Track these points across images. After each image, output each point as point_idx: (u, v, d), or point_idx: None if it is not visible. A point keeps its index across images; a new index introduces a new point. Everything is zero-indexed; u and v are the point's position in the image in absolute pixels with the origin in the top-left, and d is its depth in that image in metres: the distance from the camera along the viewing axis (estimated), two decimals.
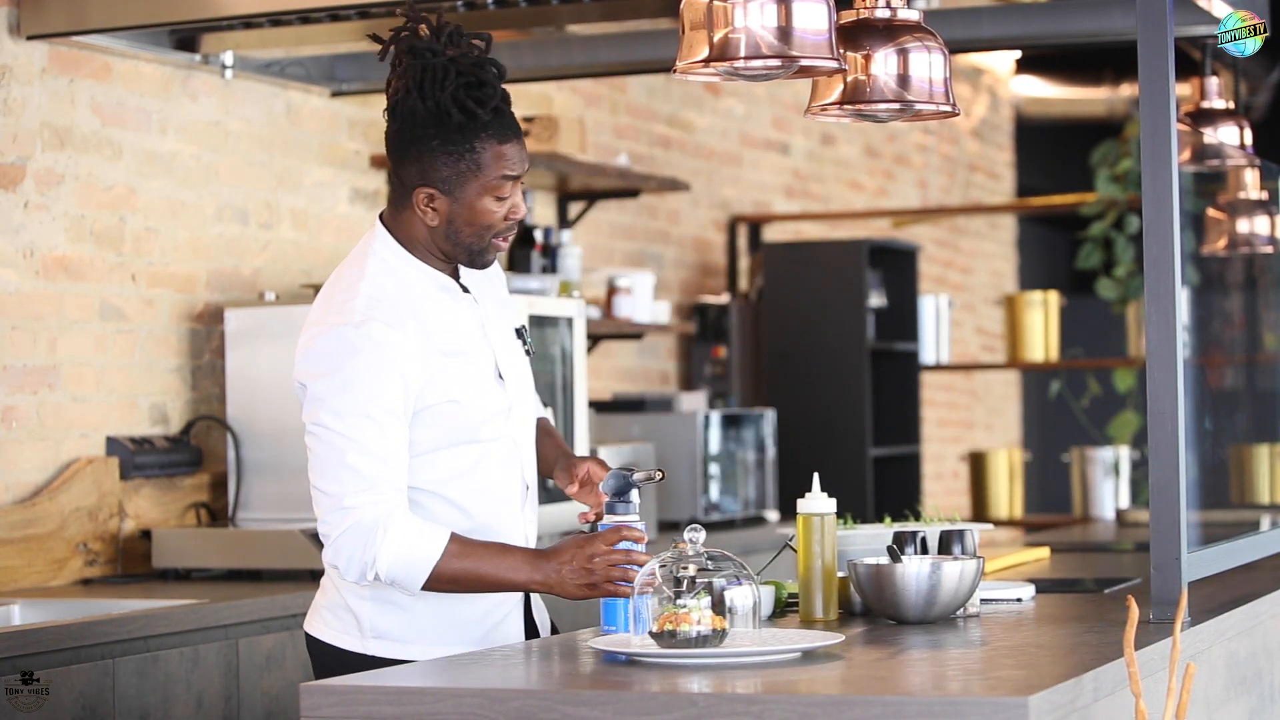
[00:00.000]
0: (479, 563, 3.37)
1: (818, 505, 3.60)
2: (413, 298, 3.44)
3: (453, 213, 3.42)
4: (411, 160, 3.40)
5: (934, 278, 10.22)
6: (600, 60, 5.77)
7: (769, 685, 2.78)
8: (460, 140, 3.37)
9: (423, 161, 3.39)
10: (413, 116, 3.37)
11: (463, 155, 3.38)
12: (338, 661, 3.50)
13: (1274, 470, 5.22)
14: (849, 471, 7.73)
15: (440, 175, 3.39)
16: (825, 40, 3.19)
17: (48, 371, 4.97)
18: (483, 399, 3.49)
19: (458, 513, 3.50)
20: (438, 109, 3.36)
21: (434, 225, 3.43)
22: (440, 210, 3.42)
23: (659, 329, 7.04)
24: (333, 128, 5.96)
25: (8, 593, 4.71)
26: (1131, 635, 2.80)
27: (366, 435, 3.31)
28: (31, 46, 4.96)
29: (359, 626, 3.50)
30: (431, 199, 3.41)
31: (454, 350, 3.45)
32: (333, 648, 3.53)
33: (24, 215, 4.92)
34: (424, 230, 3.45)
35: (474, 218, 3.42)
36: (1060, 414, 10.13)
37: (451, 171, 3.39)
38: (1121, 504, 7.49)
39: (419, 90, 3.37)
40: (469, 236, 3.44)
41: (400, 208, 3.46)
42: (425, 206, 3.41)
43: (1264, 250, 5.18)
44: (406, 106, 3.38)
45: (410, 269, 3.47)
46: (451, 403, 3.42)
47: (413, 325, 3.39)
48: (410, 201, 3.43)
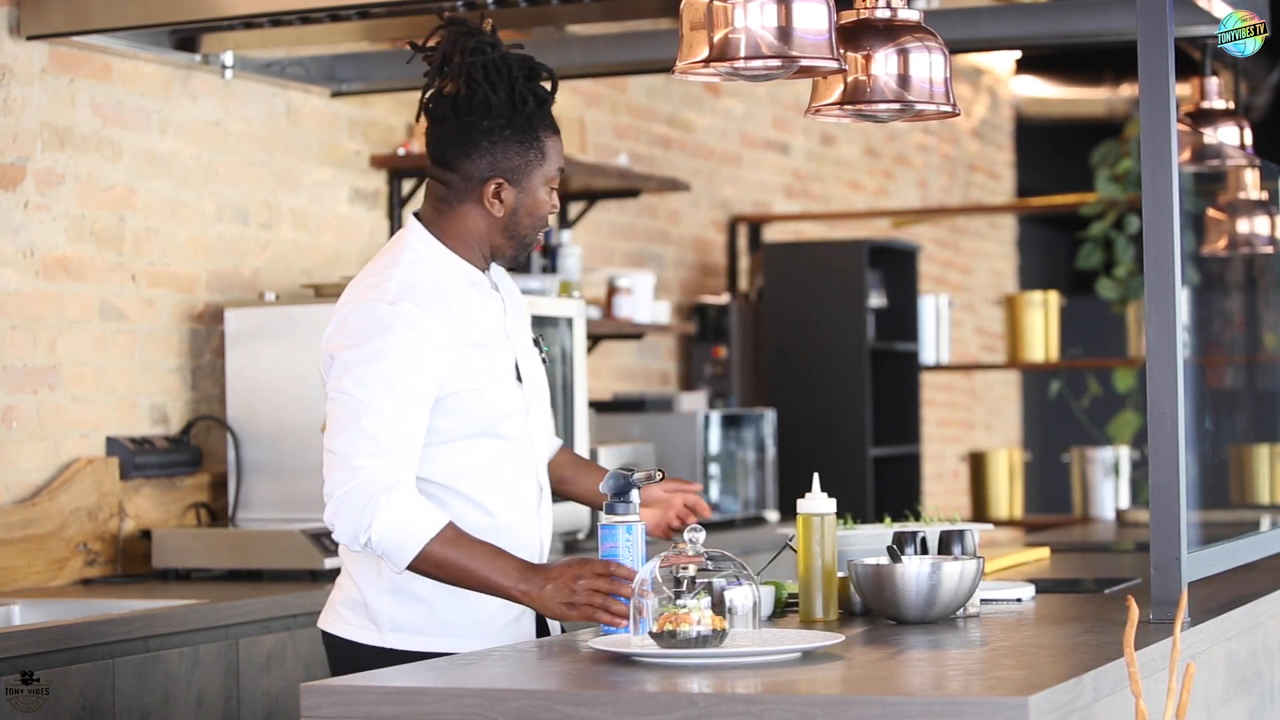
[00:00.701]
0: (469, 556, 3.38)
1: (818, 505, 3.60)
2: (444, 288, 3.50)
3: (518, 202, 3.53)
4: (482, 152, 3.49)
5: (934, 278, 10.22)
6: (600, 60, 5.77)
7: (769, 685, 2.78)
8: (529, 130, 3.49)
9: (494, 152, 3.49)
10: (487, 108, 3.47)
11: (531, 144, 3.50)
12: (356, 656, 3.52)
13: (1274, 470, 5.22)
14: (849, 471, 7.73)
15: (511, 165, 3.50)
16: (825, 40, 3.19)
17: (48, 371, 4.97)
18: (504, 395, 3.54)
19: (475, 509, 3.53)
20: (510, 98, 3.47)
21: (499, 216, 3.52)
22: (507, 201, 3.51)
23: (659, 329, 7.04)
24: (333, 128, 5.96)
25: (8, 593, 4.71)
26: (1131, 635, 2.80)
27: (385, 406, 3.36)
28: (31, 46, 4.96)
29: (378, 621, 3.52)
30: (500, 190, 3.50)
31: (480, 342, 3.51)
32: (351, 643, 3.55)
33: (24, 215, 4.92)
34: (482, 224, 3.53)
35: (534, 208, 3.54)
36: (1060, 414, 10.13)
37: (521, 161, 3.50)
38: (1121, 504, 7.49)
39: (488, 83, 3.47)
40: (527, 227, 3.55)
41: (454, 204, 3.54)
42: (493, 198, 3.51)
43: (1264, 250, 5.18)
44: (477, 100, 3.47)
45: (444, 261, 3.53)
46: (474, 392, 3.47)
47: (443, 312, 3.45)
48: (475, 195, 3.52)
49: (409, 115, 6.30)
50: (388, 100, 6.18)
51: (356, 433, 3.35)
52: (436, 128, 3.53)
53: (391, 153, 6.15)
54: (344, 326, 3.44)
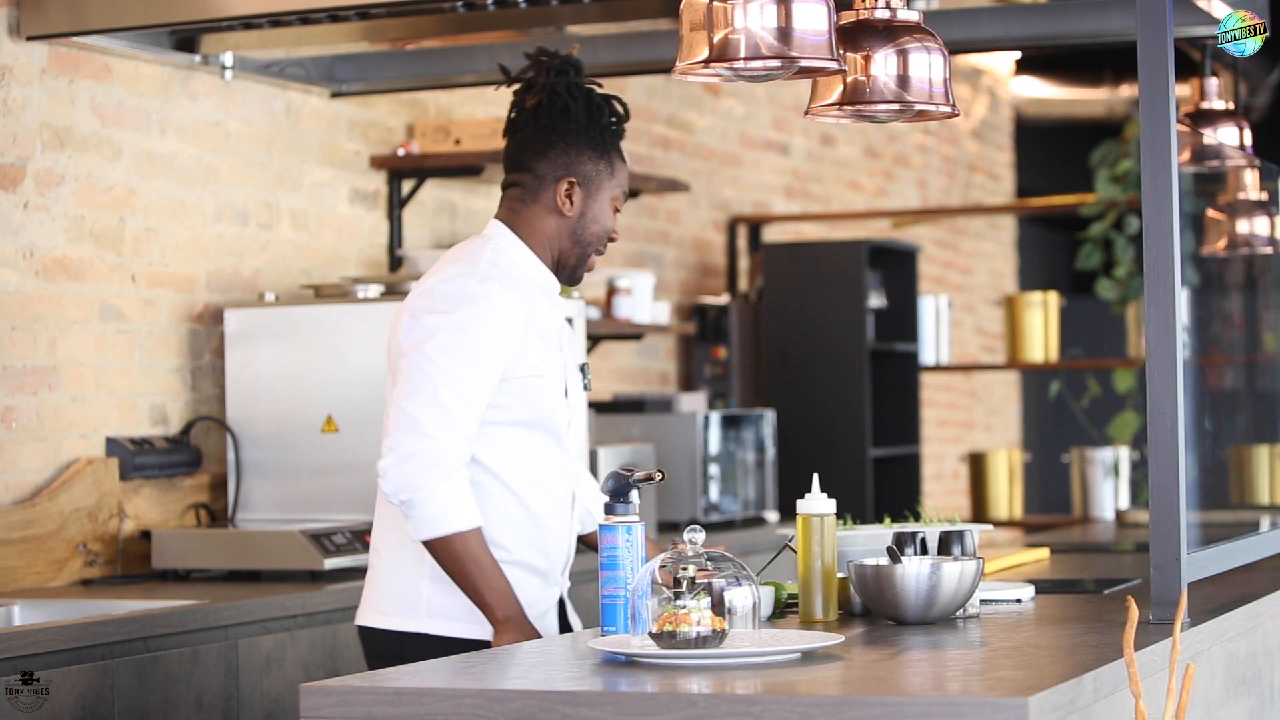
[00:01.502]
0: (480, 565, 3.56)
1: (817, 506, 3.60)
2: (520, 281, 3.69)
3: (587, 207, 3.76)
4: (558, 153, 3.74)
5: (934, 278, 10.22)
6: (600, 60, 5.76)
7: (769, 686, 2.78)
8: (603, 144, 3.75)
9: (569, 155, 3.74)
10: (565, 115, 3.72)
11: (603, 155, 3.75)
12: (397, 644, 3.66)
13: (1274, 470, 5.22)
14: (849, 472, 7.73)
15: (584, 170, 3.74)
16: (825, 41, 3.19)
17: (48, 372, 4.97)
18: (556, 394, 3.73)
19: (515, 501, 3.70)
20: (589, 110, 3.73)
21: (569, 215, 3.74)
22: (576, 203, 3.74)
23: (659, 329, 7.04)
24: (333, 128, 5.96)
25: (8, 593, 4.71)
26: (1131, 636, 2.80)
27: (462, 378, 3.56)
28: (31, 47, 4.96)
29: (416, 607, 3.66)
30: (572, 189, 3.74)
31: (544, 337, 3.70)
32: (391, 633, 3.68)
33: (24, 215, 4.92)
34: (552, 224, 3.75)
35: (601, 216, 3.77)
36: (1060, 414, 10.13)
37: (593, 169, 3.75)
38: (1121, 504, 7.49)
39: (569, 93, 3.73)
40: (591, 236, 3.77)
41: (528, 203, 3.76)
42: (565, 196, 3.74)
43: (1264, 251, 5.18)
44: (557, 108, 3.72)
45: (523, 258, 3.74)
46: (537, 378, 3.66)
47: (521, 299, 3.67)
48: (548, 193, 3.74)
49: (409, 116, 6.30)
50: (388, 101, 6.18)
51: (431, 400, 3.54)
52: (516, 136, 3.75)
53: (391, 153, 6.15)
54: (433, 293, 3.62)
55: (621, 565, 3.33)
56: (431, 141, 6.25)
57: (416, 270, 5.87)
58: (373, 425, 5.19)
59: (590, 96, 3.75)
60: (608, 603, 3.34)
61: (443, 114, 6.45)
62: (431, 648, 3.59)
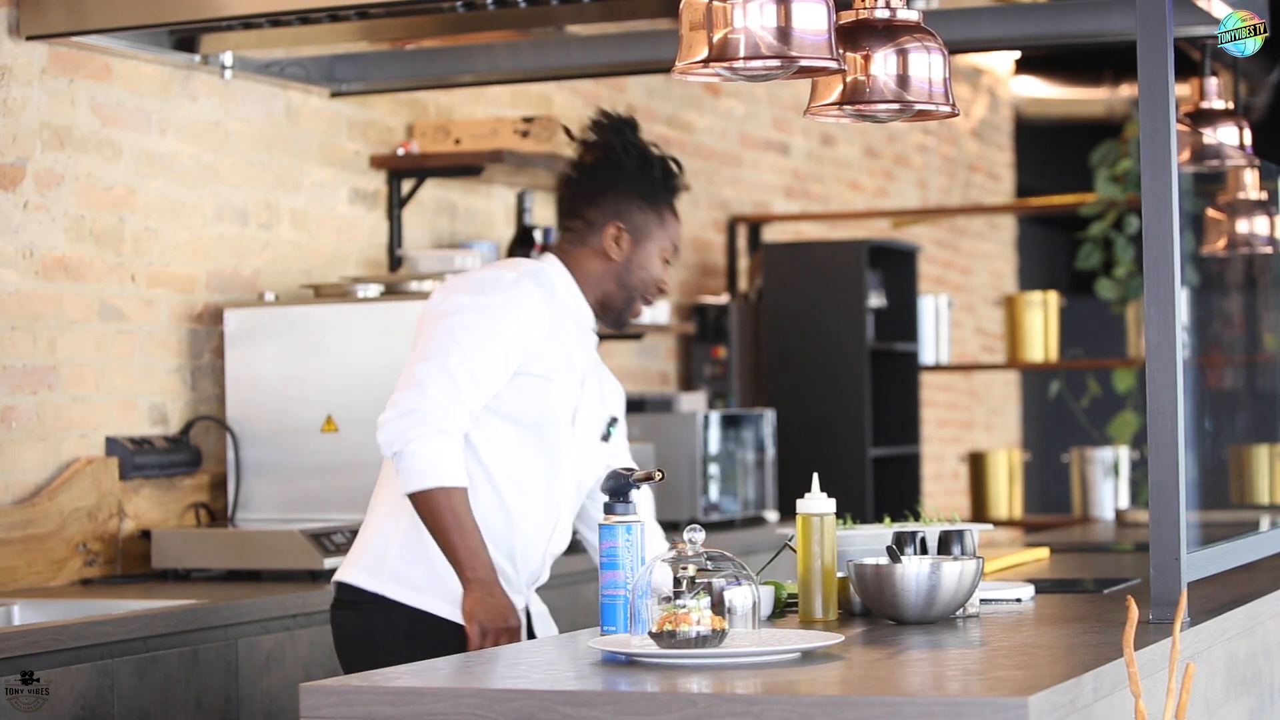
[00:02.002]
0: (460, 523, 3.66)
1: (817, 505, 3.60)
2: (556, 304, 3.86)
3: (634, 253, 3.89)
4: (609, 201, 3.89)
5: (934, 278, 10.22)
6: (600, 60, 5.77)
7: (769, 685, 2.78)
8: (653, 197, 3.89)
9: (619, 203, 3.89)
10: (618, 167, 3.88)
11: (653, 208, 3.89)
12: (352, 597, 3.82)
13: (1274, 470, 5.22)
14: (849, 471, 7.73)
15: (633, 219, 3.89)
16: (825, 40, 3.19)
17: (48, 371, 4.97)
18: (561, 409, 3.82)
19: (496, 499, 3.78)
20: (641, 163, 3.88)
21: (616, 259, 3.88)
22: (624, 248, 3.89)
23: (659, 329, 7.04)
24: (332, 128, 5.96)
25: (8, 593, 4.71)
26: (1131, 635, 2.80)
27: (475, 357, 3.69)
28: (31, 47, 4.96)
29: (378, 569, 3.79)
30: (620, 234, 3.88)
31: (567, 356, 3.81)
32: (350, 586, 3.83)
33: (24, 215, 4.92)
34: (599, 267, 3.89)
35: (646, 262, 3.90)
36: (1060, 414, 10.12)
37: (642, 219, 3.89)
38: (1121, 504, 7.49)
39: (623, 148, 3.89)
40: (638, 281, 3.90)
41: (578, 245, 3.91)
42: (613, 240, 3.88)
43: (1264, 250, 5.18)
44: (611, 160, 3.89)
45: (567, 288, 3.86)
46: (546, 380, 3.76)
47: (552, 311, 3.82)
48: (597, 235, 3.89)
49: (408, 116, 6.30)
50: (387, 100, 6.18)
51: (441, 367, 3.68)
52: (571, 188, 3.90)
53: (391, 153, 6.15)
54: (468, 276, 3.80)
55: (621, 565, 3.33)
56: (431, 141, 6.25)
57: (416, 270, 5.87)
58: (373, 425, 5.18)
59: (644, 152, 3.91)
60: (608, 603, 3.34)
61: (443, 114, 6.45)
62: (386, 610, 3.75)
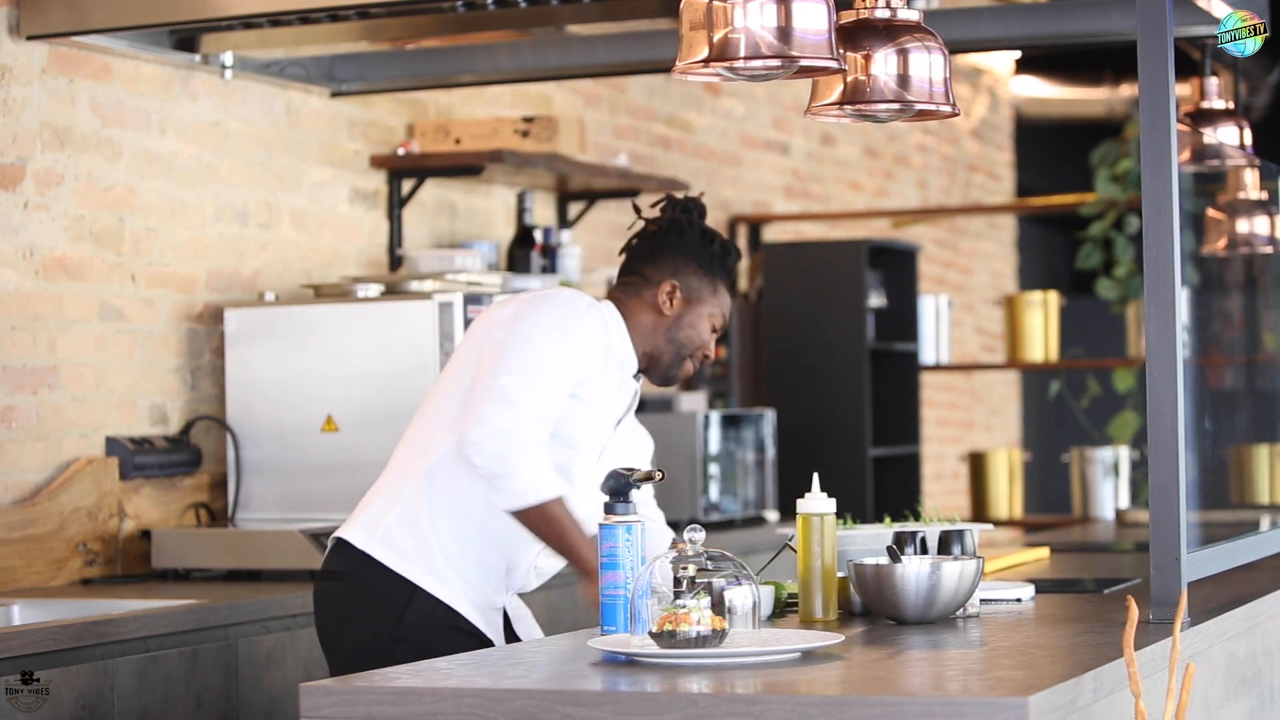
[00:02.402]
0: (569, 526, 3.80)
1: (817, 505, 3.60)
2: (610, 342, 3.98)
3: (684, 312, 4.04)
4: (666, 261, 4.05)
5: (934, 278, 10.22)
6: (600, 60, 5.77)
7: (769, 685, 2.78)
8: (709, 266, 4.06)
9: (676, 264, 4.05)
10: (680, 235, 4.06)
11: (707, 276, 4.06)
12: (343, 555, 3.91)
13: (1274, 470, 5.22)
14: (849, 471, 7.73)
15: (688, 280, 4.05)
16: (825, 40, 3.19)
17: (48, 371, 4.97)
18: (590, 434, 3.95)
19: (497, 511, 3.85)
20: (702, 236, 4.06)
21: (667, 314, 4.04)
22: (676, 306, 4.04)
23: None
24: (333, 128, 5.96)
25: (8, 593, 4.70)
26: (1131, 635, 2.80)
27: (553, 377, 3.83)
28: (31, 46, 4.96)
29: (372, 530, 3.89)
30: (674, 292, 4.03)
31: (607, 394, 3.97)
32: (342, 541, 3.93)
33: (24, 215, 4.92)
34: (650, 320, 4.04)
35: (695, 323, 4.05)
36: (1060, 414, 10.13)
37: (696, 282, 4.05)
38: (1121, 504, 7.49)
39: (686, 220, 4.07)
40: (685, 340, 4.05)
41: (632, 297, 4.06)
42: (667, 296, 4.04)
43: (1264, 250, 5.18)
44: (675, 229, 4.06)
45: (619, 332, 4.02)
46: (587, 406, 3.91)
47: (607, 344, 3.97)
48: (652, 290, 4.05)
49: (409, 115, 6.30)
50: (388, 100, 6.18)
51: (525, 379, 3.80)
52: (632, 251, 4.10)
53: (391, 153, 6.15)
54: (543, 297, 3.94)
55: (621, 565, 3.33)
56: (431, 141, 6.25)
57: (416, 270, 5.87)
58: (373, 425, 5.19)
59: (706, 229, 4.09)
60: (608, 603, 3.34)
61: (443, 114, 6.45)
62: (369, 571, 3.86)
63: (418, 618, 3.83)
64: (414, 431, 4.00)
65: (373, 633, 3.84)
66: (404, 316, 5.20)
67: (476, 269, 5.83)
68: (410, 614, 3.84)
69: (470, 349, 3.94)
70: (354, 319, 5.26)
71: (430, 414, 3.96)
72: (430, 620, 3.83)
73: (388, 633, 3.82)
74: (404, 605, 3.85)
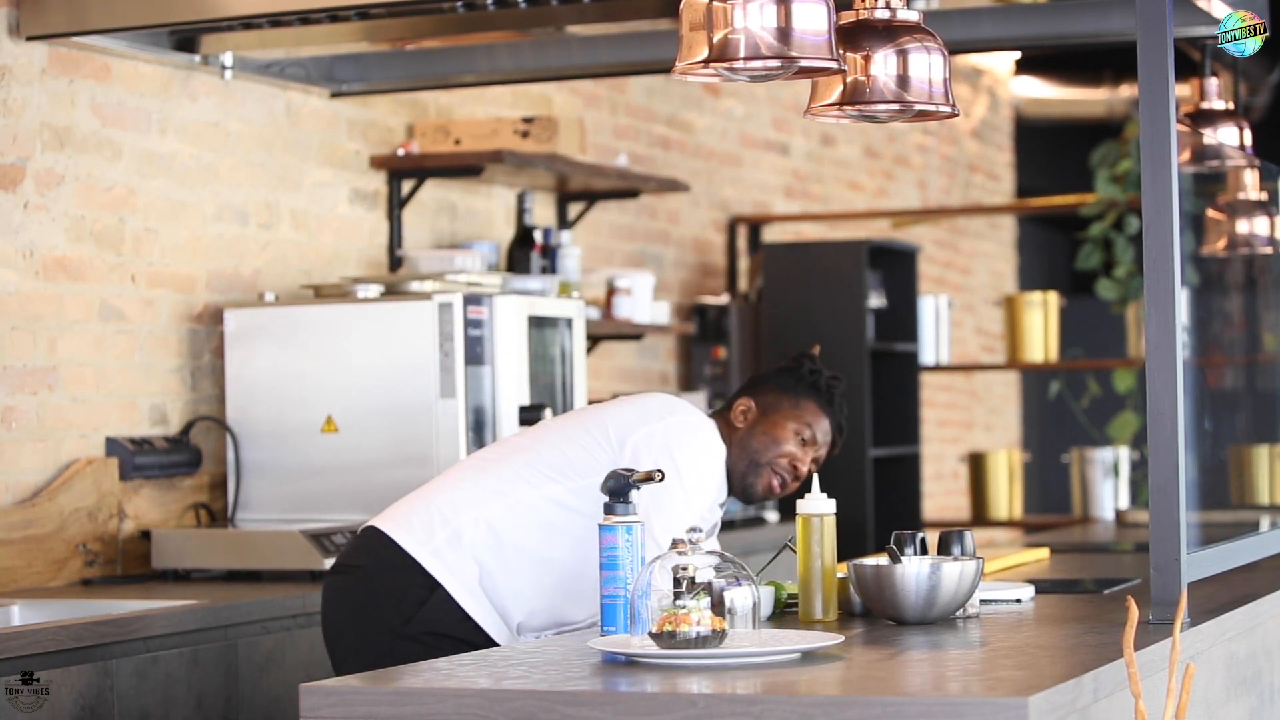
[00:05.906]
0: None
1: (817, 505, 3.60)
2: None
3: (757, 420, 4.06)
4: (752, 387, 4.12)
5: (934, 278, 10.22)
6: (600, 60, 5.77)
7: (769, 686, 2.78)
8: (797, 386, 4.09)
9: (758, 387, 4.12)
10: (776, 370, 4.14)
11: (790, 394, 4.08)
12: (392, 556, 3.88)
13: (1274, 470, 5.22)
14: (849, 472, 7.72)
15: (764, 398, 4.09)
16: (825, 41, 3.19)
17: (47, 372, 4.97)
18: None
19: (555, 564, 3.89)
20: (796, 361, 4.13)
21: (739, 427, 4.06)
22: (749, 417, 4.07)
23: (659, 330, 7.04)
24: (332, 128, 5.96)
25: (8, 593, 4.71)
26: (1131, 636, 2.80)
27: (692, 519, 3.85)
28: (31, 47, 4.96)
29: (428, 540, 3.86)
30: (748, 409, 4.08)
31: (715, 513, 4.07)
32: (394, 543, 3.89)
33: (24, 215, 4.92)
34: (725, 433, 4.04)
35: (772, 430, 4.05)
36: (1060, 414, 10.13)
37: (775, 399, 4.08)
38: (1121, 504, 7.49)
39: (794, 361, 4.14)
40: (759, 448, 4.04)
41: (718, 418, 4.09)
42: (739, 411, 4.08)
43: (1264, 251, 5.18)
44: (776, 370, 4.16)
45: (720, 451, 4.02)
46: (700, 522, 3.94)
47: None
48: (730, 411, 4.09)
49: (409, 116, 6.30)
50: (387, 101, 6.18)
51: (667, 529, 3.77)
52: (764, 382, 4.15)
53: (391, 153, 6.15)
54: (699, 440, 3.94)
55: (621, 565, 3.33)
56: (431, 141, 6.25)
57: (416, 270, 5.87)
58: (372, 425, 5.19)
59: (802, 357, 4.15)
60: (608, 603, 3.34)
61: (443, 114, 6.45)
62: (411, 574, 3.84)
63: (432, 614, 3.81)
64: (499, 455, 4.01)
65: (380, 627, 3.83)
66: (404, 317, 5.20)
67: (476, 269, 5.83)
68: (426, 610, 3.82)
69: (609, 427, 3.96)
70: (354, 319, 5.26)
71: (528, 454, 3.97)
72: (443, 619, 3.82)
73: (394, 628, 3.81)
74: (421, 601, 3.84)
